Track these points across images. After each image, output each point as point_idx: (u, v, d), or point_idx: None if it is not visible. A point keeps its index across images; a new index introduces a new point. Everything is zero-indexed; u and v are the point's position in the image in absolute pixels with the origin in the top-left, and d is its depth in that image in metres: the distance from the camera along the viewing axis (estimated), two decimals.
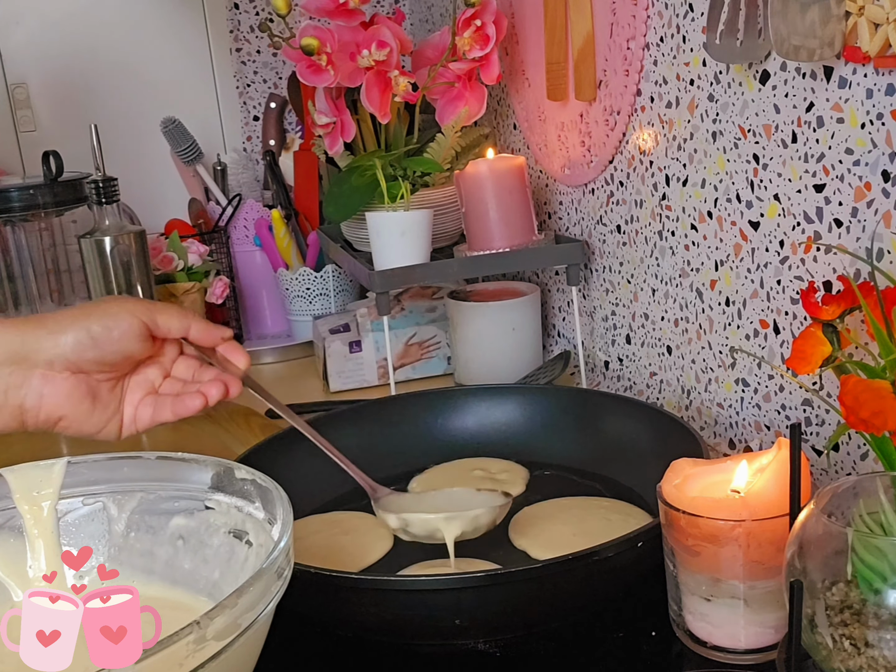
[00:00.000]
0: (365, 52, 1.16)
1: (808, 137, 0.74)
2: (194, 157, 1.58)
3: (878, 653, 0.49)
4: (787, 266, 0.79)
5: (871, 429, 0.52)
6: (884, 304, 0.57)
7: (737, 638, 0.62)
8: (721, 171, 0.86)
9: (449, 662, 0.67)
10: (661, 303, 1.00)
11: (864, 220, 0.70)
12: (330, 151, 1.26)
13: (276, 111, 1.71)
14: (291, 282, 1.45)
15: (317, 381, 1.30)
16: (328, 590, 0.65)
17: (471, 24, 1.17)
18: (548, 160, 1.21)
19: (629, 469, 0.86)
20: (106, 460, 0.63)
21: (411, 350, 1.26)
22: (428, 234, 1.10)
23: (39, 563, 0.60)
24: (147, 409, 0.70)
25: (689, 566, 0.62)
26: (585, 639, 0.67)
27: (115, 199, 1.15)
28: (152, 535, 0.62)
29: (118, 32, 1.64)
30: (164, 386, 0.72)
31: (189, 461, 0.61)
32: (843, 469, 0.76)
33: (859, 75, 0.67)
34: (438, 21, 1.62)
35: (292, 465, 0.86)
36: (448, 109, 1.22)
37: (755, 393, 0.86)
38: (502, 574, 0.63)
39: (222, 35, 1.70)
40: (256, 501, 0.57)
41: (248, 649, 0.48)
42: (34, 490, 0.61)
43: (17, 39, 1.60)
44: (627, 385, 1.10)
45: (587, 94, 1.06)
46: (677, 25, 0.88)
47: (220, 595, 0.56)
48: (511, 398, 0.98)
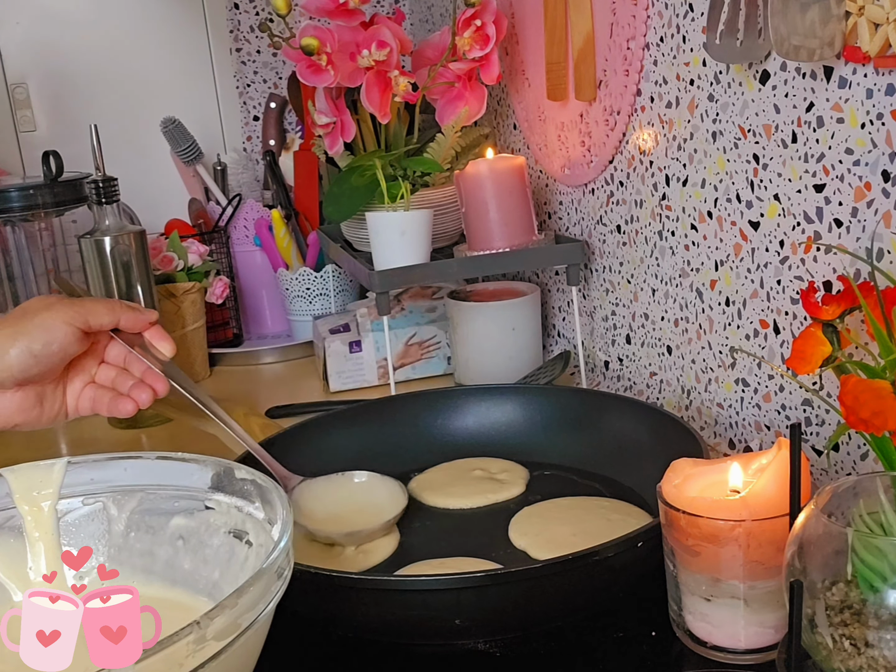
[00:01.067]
0: (365, 52, 1.16)
1: (808, 137, 0.74)
2: (194, 157, 1.58)
3: (878, 653, 0.49)
4: (787, 266, 0.79)
5: (871, 429, 0.52)
6: (884, 304, 0.57)
7: (737, 638, 0.62)
8: (721, 171, 0.86)
9: (449, 662, 0.67)
10: (661, 303, 1.00)
11: (864, 220, 0.70)
12: (330, 151, 1.26)
13: (276, 111, 1.71)
14: (291, 282, 1.45)
15: (317, 381, 1.30)
16: (328, 590, 0.65)
17: (471, 24, 1.17)
18: (548, 160, 1.21)
19: (629, 469, 0.86)
20: (106, 460, 0.63)
21: (411, 350, 1.26)
22: (428, 234, 1.10)
23: (39, 563, 0.60)
24: (87, 401, 0.75)
25: (689, 566, 0.62)
26: (585, 639, 0.67)
27: (115, 199, 1.14)
28: (152, 535, 0.62)
29: (118, 33, 1.65)
30: (100, 373, 0.76)
31: (189, 461, 0.61)
32: (843, 469, 0.76)
33: (859, 75, 0.67)
34: (438, 21, 1.62)
35: (292, 465, 0.86)
36: (448, 109, 1.22)
37: (755, 393, 0.86)
38: (502, 574, 0.63)
39: (222, 35, 1.70)
40: (256, 501, 0.57)
41: (248, 649, 0.48)
42: (34, 490, 0.61)
43: (17, 39, 1.60)
44: (627, 385, 1.10)
45: (587, 94, 1.06)
46: (677, 25, 0.88)
47: (220, 595, 0.56)
48: (511, 398, 0.97)
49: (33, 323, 0.69)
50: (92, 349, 0.75)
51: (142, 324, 0.75)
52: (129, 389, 0.75)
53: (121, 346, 0.76)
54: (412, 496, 0.89)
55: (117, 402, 0.74)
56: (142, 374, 0.75)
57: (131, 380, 0.75)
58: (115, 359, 0.76)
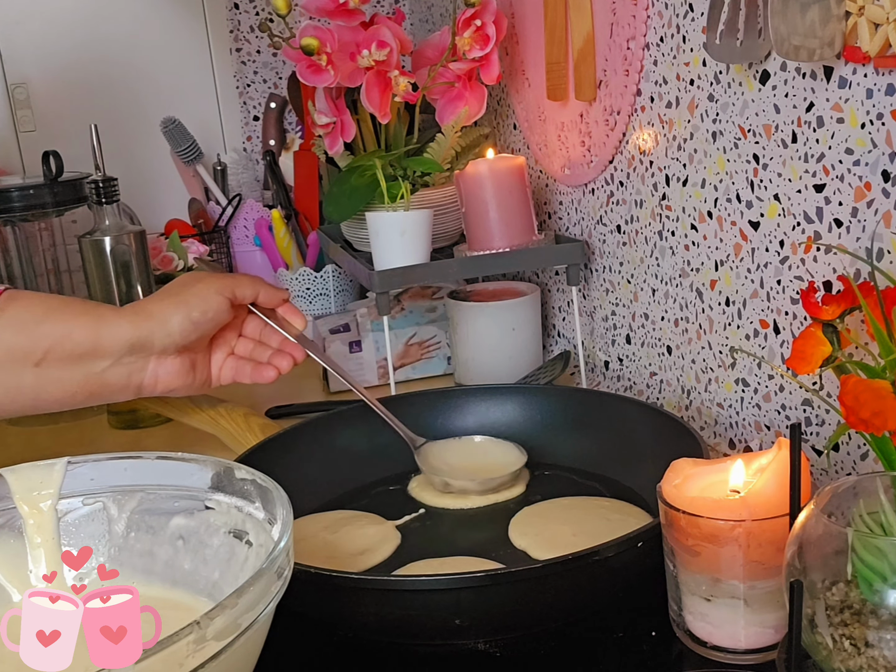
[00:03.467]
0: (365, 52, 1.16)
1: (808, 137, 0.74)
2: (194, 157, 1.58)
3: (878, 653, 0.49)
4: (787, 266, 0.79)
5: (871, 429, 0.52)
6: (884, 304, 0.57)
7: (737, 638, 0.62)
8: (721, 171, 0.86)
9: (449, 662, 0.67)
10: (661, 303, 1.00)
11: (864, 220, 0.70)
12: (330, 151, 1.26)
13: (276, 111, 1.71)
14: (291, 282, 1.45)
15: (317, 381, 1.29)
16: (328, 590, 0.65)
17: (471, 24, 1.16)
18: (548, 160, 1.21)
19: (629, 469, 0.86)
20: (106, 460, 0.63)
21: (411, 350, 1.26)
22: (428, 234, 1.10)
23: (39, 563, 0.60)
24: (229, 370, 0.85)
25: (689, 566, 0.62)
26: (585, 639, 0.67)
27: (115, 199, 1.14)
28: (152, 536, 0.61)
29: (118, 32, 1.64)
30: (239, 346, 0.86)
31: (189, 461, 0.61)
32: (843, 469, 0.76)
33: (859, 75, 0.67)
34: (438, 21, 1.62)
35: (292, 465, 0.86)
36: (448, 109, 1.22)
37: (755, 393, 0.86)
38: (502, 574, 0.63)
39: (222, 35, 1.70)
40: (256, 501, 0.57)
41: (248, 649, 0.48)
42: (34, 490, 0.61)
43: (17, 39, 1.60)
44: (627, 385, 1.10)
45: (587, 94, 1.06)
46: (677, 25, 0.88)
47: (220, 595, 0.56)
48: (511, 398, 0.97)
49: (191, 293, 0.78)
50: (232, 323, 0.84)
51: (277, 300, 0.84)
52: (270, 358, 0.85)
53: (256, 322, 0.85)
54: (412, 496, 0.89)
55: (260, 370, 0.84)
56: (279, 345, 0.85)
57: (268, 351, 0.85)
58: (252, 332, 0.86)
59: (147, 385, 0.79)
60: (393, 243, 1.09)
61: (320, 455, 0.91)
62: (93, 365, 0.75)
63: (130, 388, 0.78)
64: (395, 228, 1.08)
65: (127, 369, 0.77)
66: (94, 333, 0.74)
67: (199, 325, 0.78)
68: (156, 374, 0.79)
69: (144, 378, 0.78)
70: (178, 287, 0.79)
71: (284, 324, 0.85)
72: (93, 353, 0.75)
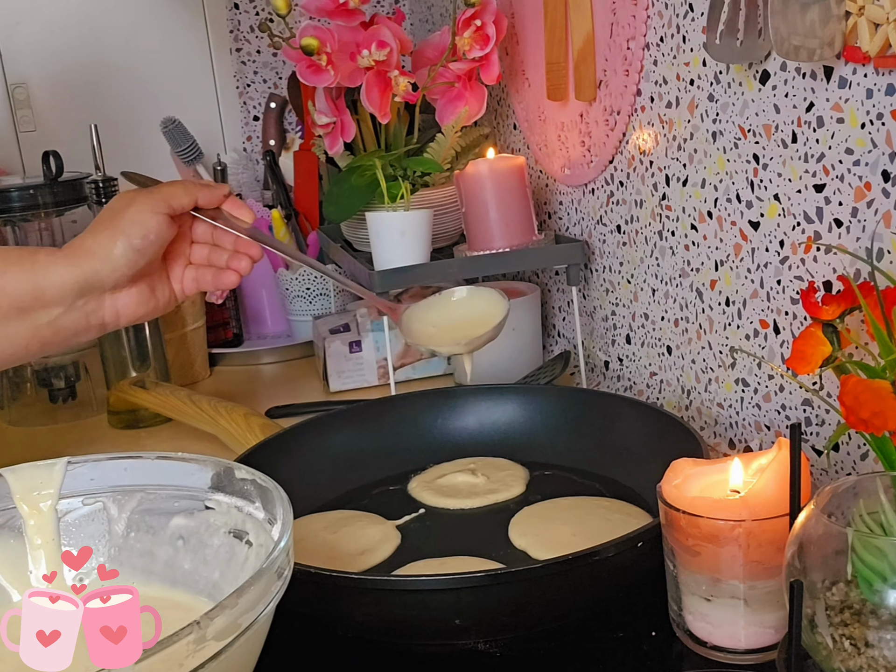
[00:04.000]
0: (365, 52, 1.16)
1: (808, 137, 0.74)
2: (194, 157, 1.58)
3: (878, 653, 0.49)
4: (787, 266, 0.79)
5: (871, 429, 0.52)
6: (884, 304, 0.57)
7: (737, 638, 0.62)
8: (721, 171, 0.86)
9: (449, 662, 0.67)
10: (661, 303, 1.00)
11: (864, 220, 0.70)
12: (330, 151, 1.26)
13: (276, 111, 1.71)
14: (291, 282, 1.45)
15: (317, 381, 1.30)
16: (328, 590, 0.65)
17: (471, 24, 1.16)
18: (548, 160, 1.21)
19: (629, 469, 0.86)
20: (106, 460, 0.63)
21: (411, 350, 1.26)
22: (428, 234, 1.10)
23: (39, 563, 0.60)
24: (190, 282, 0.81)
25: (689, 566, 0.62)
26: (585, 639, 0.67)
27: None
28: (152, 536, 0.61)
29: (118, 32, 1.65)
30: (194, 253, 0.81)
31: (189, 461, 0.61)
32: (843, 469, 0.76)
33: (859, 75, 0.67)
34: (438, 21, 1.62)
35: (292, 465, 0.86)
36: (448, 109, 1.22)
37: (755, 393, 0.86)
38: (502, 574, 0.63)
39: (222, 35, 1.70)
40: (256, 501, 0.57)
41: (248, 649, 0.48)
42: (34, 490, 0.61)
43: (18, 40, 1.60)
44: (627, 385, 1.10)
45: (587, 94, 1.06)
46: (677, 25, 0.88)
47: (220, 595, 0.56)
48: (511, 398, 0.97)
49: (126, 220, 0.73)
50: (180, 233, 0.79)
51: (217, 198, 0.79)
52: (227, 261, 0.80)
53: (205, 224, 0.80)
54: (412, 496, 0.89)
55: (220, 276, 0.80)
56: (233, 245, 0.80)
57: (225, 253, 0.81)
58: (203, 236, 0.81)
59: (109, 322, 0.76)
60: (393, 243, 1.09)
61: (320, 455, 0.91)
62: (39, 315, 0.72)
63: (92, 328, 0.75)
64: (395, 228, 1.08)
65: (82, 312, 0.74)
66: (31, 283, 0.71)
67: (144, 250, 0.73)
68: (115, 308, 0.76)
69: (105, 316, 0.75)
70: (111, 215, 0.74)
71: (233, 221, 0.80)
72: (36, 304, 0.71)
